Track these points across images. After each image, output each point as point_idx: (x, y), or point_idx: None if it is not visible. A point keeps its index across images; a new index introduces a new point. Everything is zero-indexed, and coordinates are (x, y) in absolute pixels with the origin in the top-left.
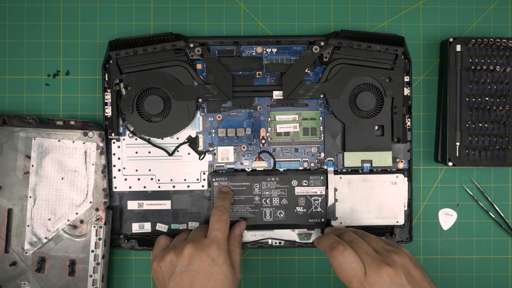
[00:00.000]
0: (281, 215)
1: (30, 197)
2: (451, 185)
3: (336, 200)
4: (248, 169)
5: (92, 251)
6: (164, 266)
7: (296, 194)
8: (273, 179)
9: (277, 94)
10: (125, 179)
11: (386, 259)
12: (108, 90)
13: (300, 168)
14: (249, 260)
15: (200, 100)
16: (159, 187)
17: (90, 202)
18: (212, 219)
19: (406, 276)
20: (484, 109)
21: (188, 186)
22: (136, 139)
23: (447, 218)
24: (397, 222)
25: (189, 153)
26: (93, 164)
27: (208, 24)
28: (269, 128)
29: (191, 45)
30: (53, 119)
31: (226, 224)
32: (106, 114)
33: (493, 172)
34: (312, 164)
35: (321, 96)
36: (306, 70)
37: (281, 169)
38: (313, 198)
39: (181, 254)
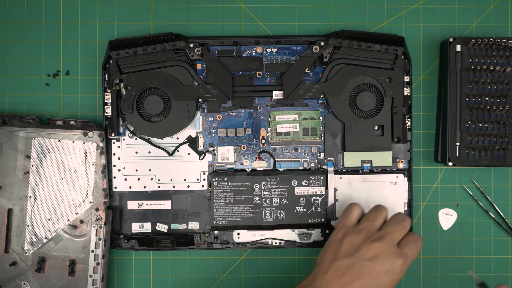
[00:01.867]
0: (281, 215)
1: (30, 197)
2: (451, 185)
3: (336, 200)
4: (248, 169)
5: (92, 251)
6: (347, 241)
7: (296, 194)
8: (273, 179)
9: (277, 94)
10: (125, 179)
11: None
12: (108, 90)
13: (300, 168)
14: (249, 260)
15: (200, 100)
16: (159, 187)
17: (90, 202)
18: (412, 236)
19: None
20: (484, 109)
21: (188, 186)
22: (136, 139)
23: (447, 218)
24: None
25: (189, 153)
26: (93, 164)
27: (208, 24)
28: (269, 128)
29: (191, 45)
30: (53, 119)
31: (417, 252)
32: (106, 114)
33: (493, 172)
34: (312, 164)
35: (321, 96)
36: (306, 70)
37: (281, 169)
38: (313, 198)
39: (369, 246)
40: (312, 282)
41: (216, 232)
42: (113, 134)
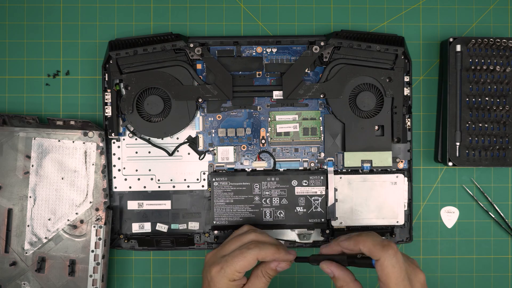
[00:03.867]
0: (281, 215)
1: (30, 197)
2: (451, 185)
3: (336, 200)
4: (248, 169)
5: (92, 251)
6: None
7: (296, 194)
8: (273, 179)
9: (277, 94)
10: (125, 179)
11: (414, 263)
12: (108, 90)
13: (300, 168)
14: None
15: (200, 100)
16: (159, 187)
17: (90, 202)
18: (239, 251)
19: None
20: (484, 109)
21: (188, 186)
22: (136, 139)
23: (449, 215)
24: (397, 222)
25: (189, 153)
26: (93, 164)
27: (208, 24)
28: (269, 128)
29: (191, 45)
30: (53, 119)
31: (243, 259)
32: (106, 114)
33: (493, 172)
34: (312, 164)
35: (321, 96)
36: (306, 70)
37: (281, 169)
38: (313, 198)
39: (207, 255)
40: None
41: (216, 232)
42: (113, 134)
